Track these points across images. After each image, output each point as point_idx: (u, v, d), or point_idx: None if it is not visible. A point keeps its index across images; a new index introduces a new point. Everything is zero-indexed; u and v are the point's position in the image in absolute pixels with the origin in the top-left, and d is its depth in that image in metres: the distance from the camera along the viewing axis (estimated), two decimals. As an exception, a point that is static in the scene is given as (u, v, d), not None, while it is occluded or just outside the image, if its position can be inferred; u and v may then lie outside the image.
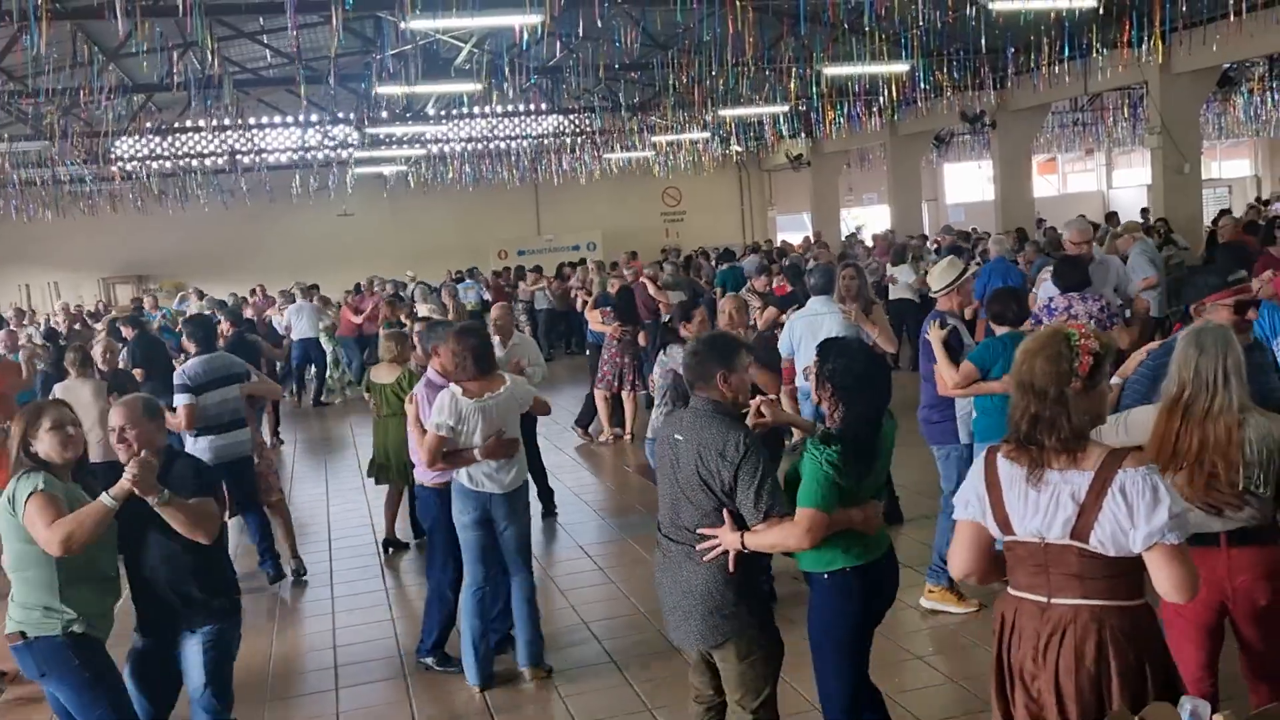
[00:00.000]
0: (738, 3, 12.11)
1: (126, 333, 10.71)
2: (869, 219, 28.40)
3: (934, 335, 5.50)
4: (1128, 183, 31.23)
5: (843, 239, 22.85)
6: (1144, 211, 17.79)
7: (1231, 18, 13.42)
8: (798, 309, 7.57)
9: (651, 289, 11.81)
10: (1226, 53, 15.11)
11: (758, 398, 3.81)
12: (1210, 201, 22.95)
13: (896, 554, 3.72)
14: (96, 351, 8.21)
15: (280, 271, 22.70)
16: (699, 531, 3.50)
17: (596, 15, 11.26)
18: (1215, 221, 14.01)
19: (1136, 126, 22.89)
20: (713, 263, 18.27)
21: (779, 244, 22.46)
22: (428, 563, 5.74)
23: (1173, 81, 16.00)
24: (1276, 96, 21.74)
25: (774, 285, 11.25)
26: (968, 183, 31.14)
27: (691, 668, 3.81)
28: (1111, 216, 17.88)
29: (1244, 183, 31.72)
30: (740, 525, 3.43)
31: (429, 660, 5.49)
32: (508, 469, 5.02)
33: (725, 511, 3.45)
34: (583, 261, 20.28)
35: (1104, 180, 32.89)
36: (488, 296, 19.62)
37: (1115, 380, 4.08)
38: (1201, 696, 2.94)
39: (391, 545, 7.68)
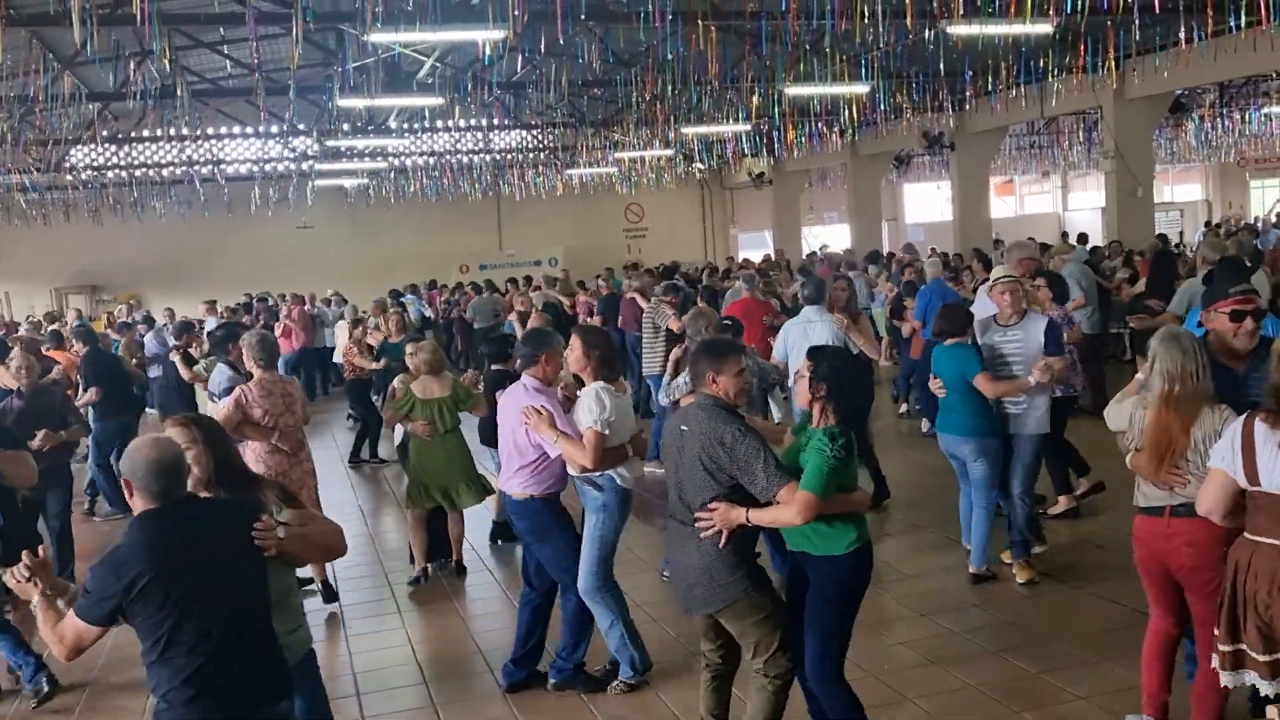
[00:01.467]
0: (700, 22, 12.17)
1: (77, 347, 10.36)
2: (830, 237, 28.62)
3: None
4: (1083, 205, 31.74)
5: (804, 256, 23.03)
6: (1081, 236, 18.37)
7: (1183, 45, 13.72)
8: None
9: (640, 301, 12.25)
10: (1178, 79, 15.44)
11: None
12: (1162, 225, 23.38)
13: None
14: (10, 369, 7.54)
15: (238, 284, 22.44)
16: (696, 513, 3.91)
17: (560, 32, 11.27)
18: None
19: (1091, 150, 23.31)
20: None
21: (740, 261, 22.56)
22: (557, 573, 5.24)
23: (1126, 107, 16.32)
24: (1226, 122, 22.24)
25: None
26: (927, 203, 31.52)
27: (702, 635, 4.21)
28: (1082, 238, 18.32)
29: (1195, 206, 32.35)
30: (745, 504, 3.85)
31: (560, 681, 5.22)
32: (632, 464, 5.14)
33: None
34: (528, 279, 20.36)
35: (1060, 202, 33.41)
36: (429, 312, 19.53)
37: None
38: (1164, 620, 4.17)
39: (426, 577, 7.10)
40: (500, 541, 7.85)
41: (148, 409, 12.91)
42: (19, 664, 5.54)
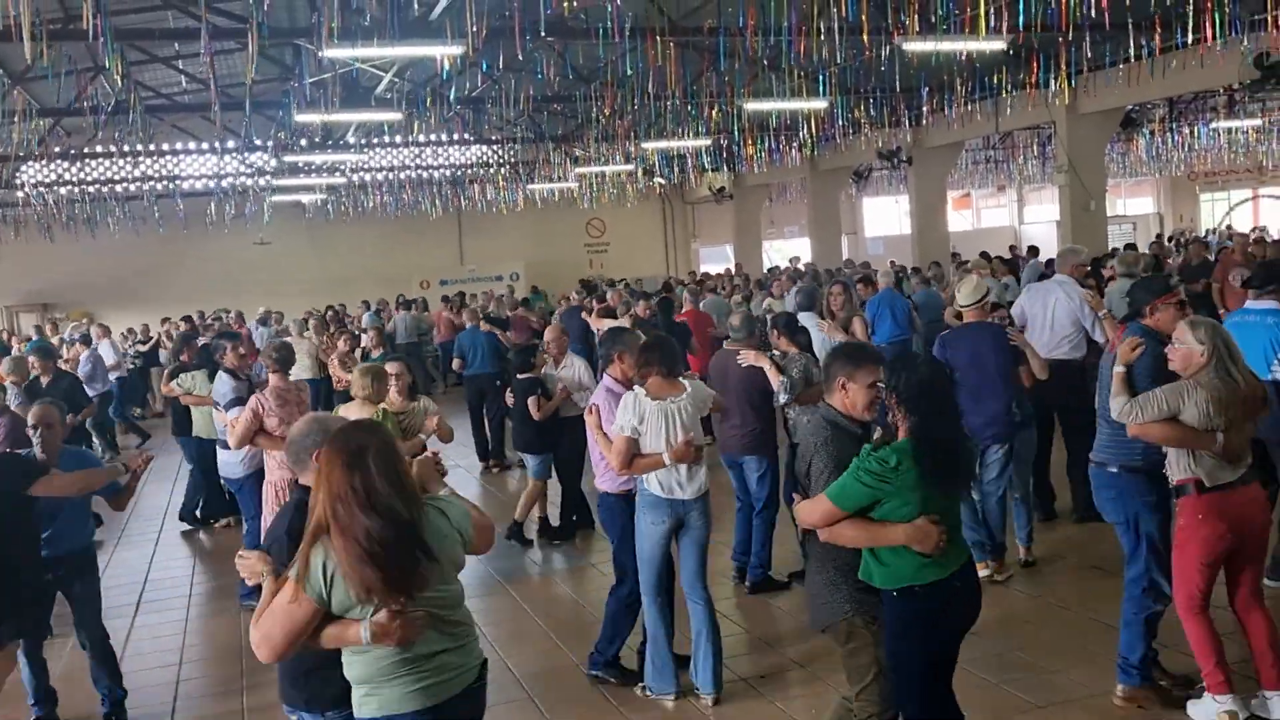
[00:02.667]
0: (658, 38, 12.22)
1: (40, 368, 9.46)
2: (791, 251, 28.78)
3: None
4: (1039, 218, 32.17)
5: (765, 270, 23.13)
6: (1032, 249, 18.91)
7: (1133, 62, 13.98)
8: None
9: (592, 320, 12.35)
10: (1128, 95, 15.72)
11: None
12: (1116, 237, 23.74)
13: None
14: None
15: (195, 301, 22.16)
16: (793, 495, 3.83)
17: (519, 47, 11.27)
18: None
19: (1046, 164, 23.66)
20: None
21: (700, 275, 22.60)
22: (615, 566, 5.50)
23: (1079, 122, 16.58)
24: (1176, 137, 22.65)
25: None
26: (886, 217, 31.81)
27: None
28: (1033, 250, 18.72)
29: (1148, 219, 32.91)
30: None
31: (602, 673, 5.43)
32: (696, 474, 5.07)
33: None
34: (460, 295, 20.24)
35: (1016, 216, 33.86)
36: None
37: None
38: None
39: None
40: (511, 540, 8.05)
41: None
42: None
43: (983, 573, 6.14)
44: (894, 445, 3.48)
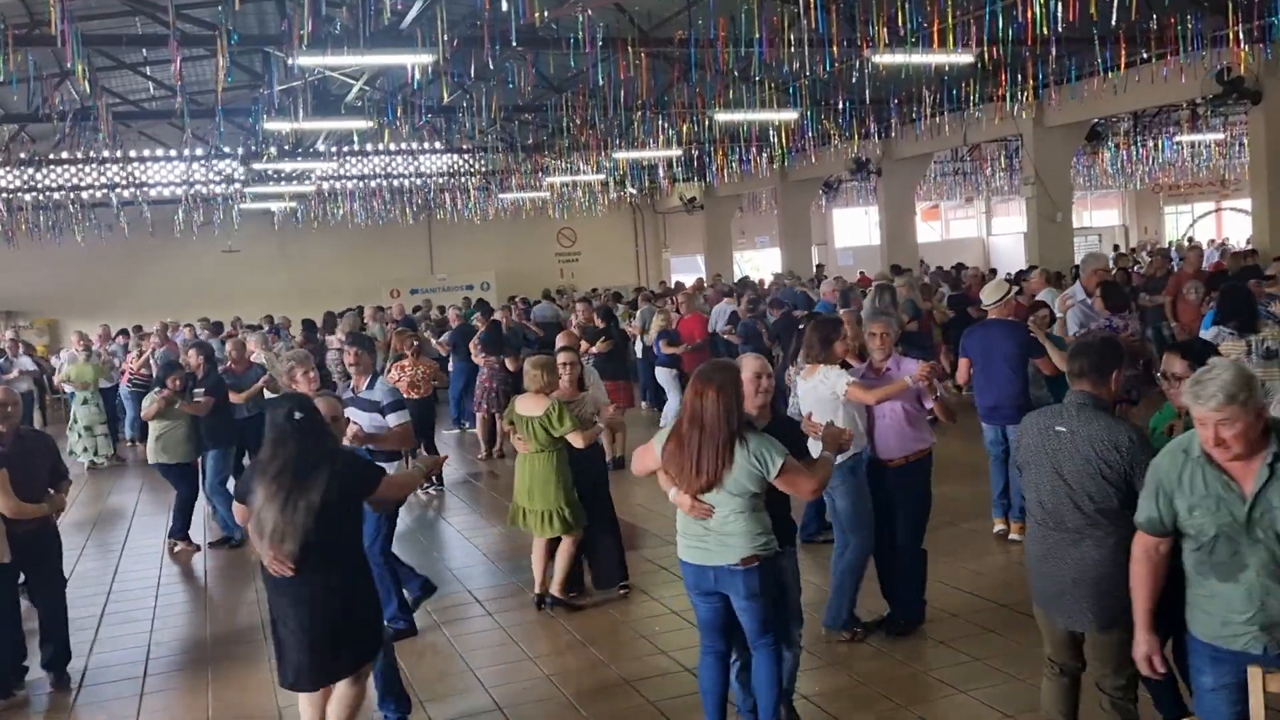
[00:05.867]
0: (629, 49, 12.27)
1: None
2: (762, 261, 28.92)
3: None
4: (1007, 230, 32.50)
5: (735, 280, 23.20)
6: (894, 267, 19.39)
7: (1099, 76, 14.17)
8: None
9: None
10: (1094, 108, 15.93)
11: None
12: (1082, 249, 24.02)
13: None
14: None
15: (162, 309, 21.89)
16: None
17: (487, 55, 11.27)
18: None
19: (1013, 176, 23.91)
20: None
21: (673, 284, 22.65)
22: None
23: (1045, 135, 16.78)
24: (1140, 151, 22.98)
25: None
26: (856, 227, 32.01)
27: (1054, 644, 3.99)
28: (993, 272, 19.01)
29: (1113, 231, 33.34)
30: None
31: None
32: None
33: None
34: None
35: (984, 227, 34.18)
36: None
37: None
38: None
39: (552, 600, 6.69)
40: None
41: None
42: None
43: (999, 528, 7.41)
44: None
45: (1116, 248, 27.06)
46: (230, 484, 8.58)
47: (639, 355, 14.11)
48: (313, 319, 16.82)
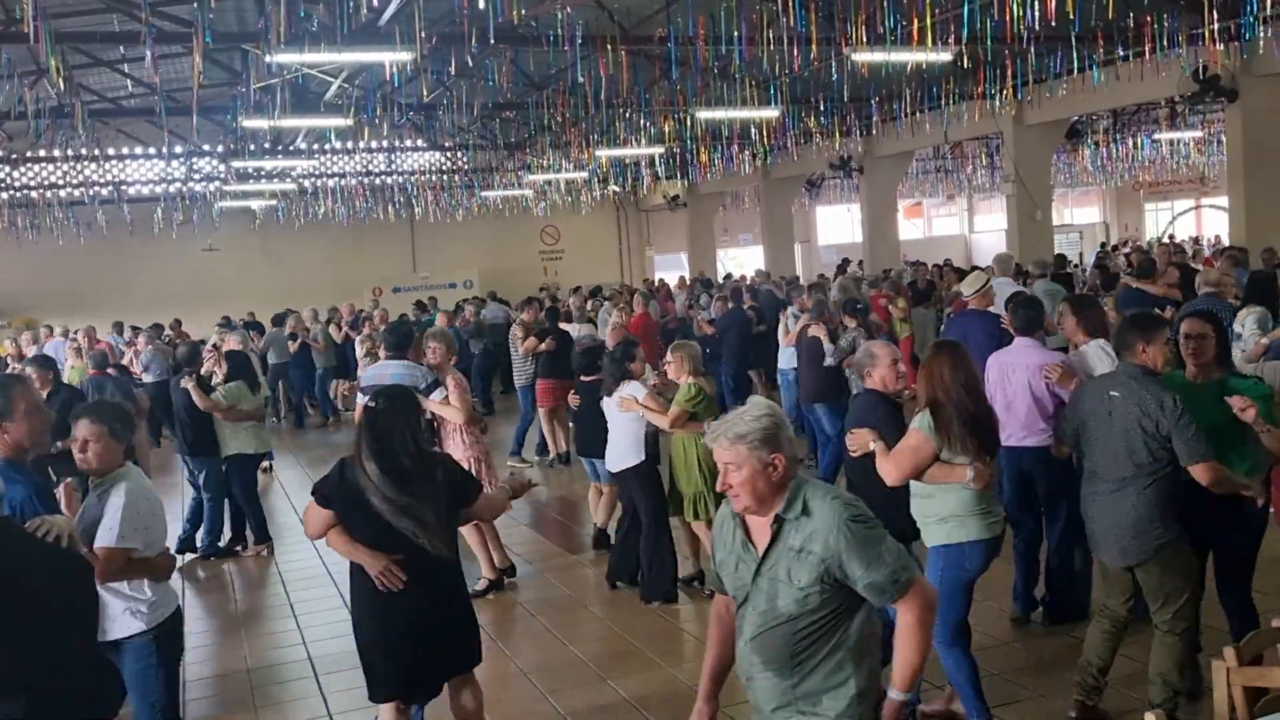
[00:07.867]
0: (609, 46, 12.25)
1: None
2: (745, 259, 28.94)
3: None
4: (988, 227, 32.63)
5: (721, 279, 23.22)
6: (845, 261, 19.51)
7: (1077, 74, 14.23)
8: None
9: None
10: (1074, 106, 16.01)
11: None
12: (1062, 245, 24.15)
13: None
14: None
15: (142, 308, 21.75)
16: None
17: (467, 52, 11.23)
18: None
19: (995, 174, 24.00)
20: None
21: (656, 282, 22.64)
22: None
23: (1025, 132, 16.85)
24: (1120, 148, 23.10)
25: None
26: (839, 225, 32.06)
27: (1107, 590, 4.58)
28: (975, 268, 18.99)
29: (1094, 228, 33.51)
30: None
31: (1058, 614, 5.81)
32: None
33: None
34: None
35: (966, 224, 34.30)
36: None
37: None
38: None
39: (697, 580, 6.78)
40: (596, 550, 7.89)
41: None
42: None
43: None
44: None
45: (1102, 244, 27.21)
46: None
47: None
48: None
